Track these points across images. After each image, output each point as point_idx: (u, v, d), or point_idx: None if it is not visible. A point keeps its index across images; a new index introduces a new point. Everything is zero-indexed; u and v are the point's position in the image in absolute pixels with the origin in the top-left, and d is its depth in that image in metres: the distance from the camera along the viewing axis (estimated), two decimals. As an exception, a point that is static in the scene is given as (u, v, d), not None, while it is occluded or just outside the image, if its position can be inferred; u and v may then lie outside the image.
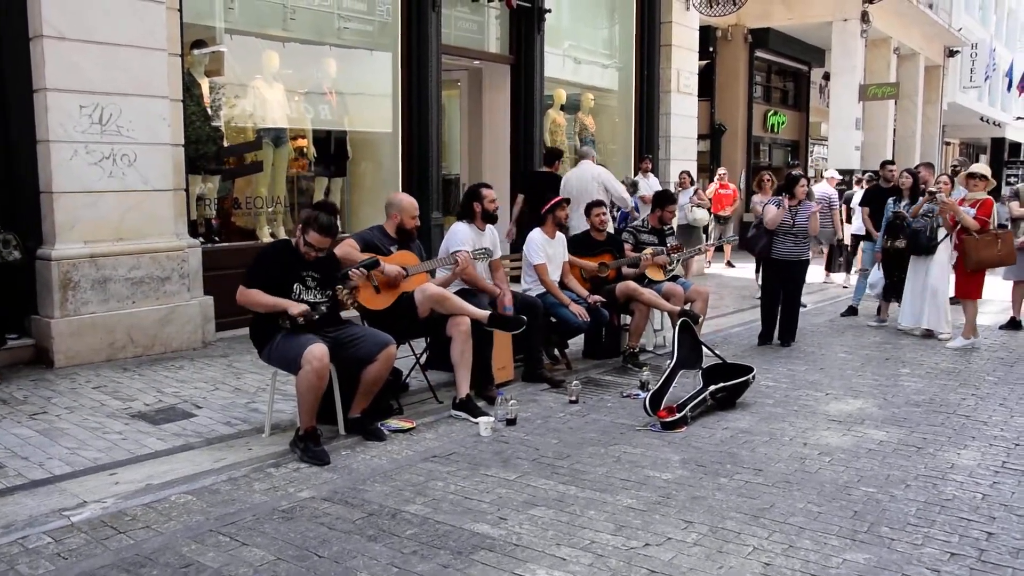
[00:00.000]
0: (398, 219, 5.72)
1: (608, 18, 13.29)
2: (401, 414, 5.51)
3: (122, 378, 6.20)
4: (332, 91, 9.33)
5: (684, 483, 4.35)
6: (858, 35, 17.59)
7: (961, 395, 6.23)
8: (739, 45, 18.37)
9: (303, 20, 8.99)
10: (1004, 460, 4.76)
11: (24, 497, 4.03)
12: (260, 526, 3.76)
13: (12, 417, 5.22)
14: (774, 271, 8.15)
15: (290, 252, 4.86)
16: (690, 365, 5.97)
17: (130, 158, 6.77)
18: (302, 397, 4.61)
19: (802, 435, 5.21)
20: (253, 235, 8.74)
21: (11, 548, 3.51)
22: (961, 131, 33.37)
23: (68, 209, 6.49)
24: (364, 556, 3.47)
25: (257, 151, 8.82)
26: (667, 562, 3.44)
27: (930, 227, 8.26)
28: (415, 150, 9.58)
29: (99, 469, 4.41)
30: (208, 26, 8.20)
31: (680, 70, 13.49)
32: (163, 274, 6.99)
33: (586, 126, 13.10)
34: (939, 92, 24.42)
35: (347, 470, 4.50)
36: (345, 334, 4.94)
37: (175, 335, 7.06)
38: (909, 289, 8.54)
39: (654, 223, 7.66)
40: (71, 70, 6.40)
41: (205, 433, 5.04)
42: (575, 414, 5.67)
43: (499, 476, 4.44)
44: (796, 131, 21.81)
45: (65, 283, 6.43)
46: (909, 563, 3.45)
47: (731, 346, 7.98)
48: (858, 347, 8.07)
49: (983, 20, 29.21)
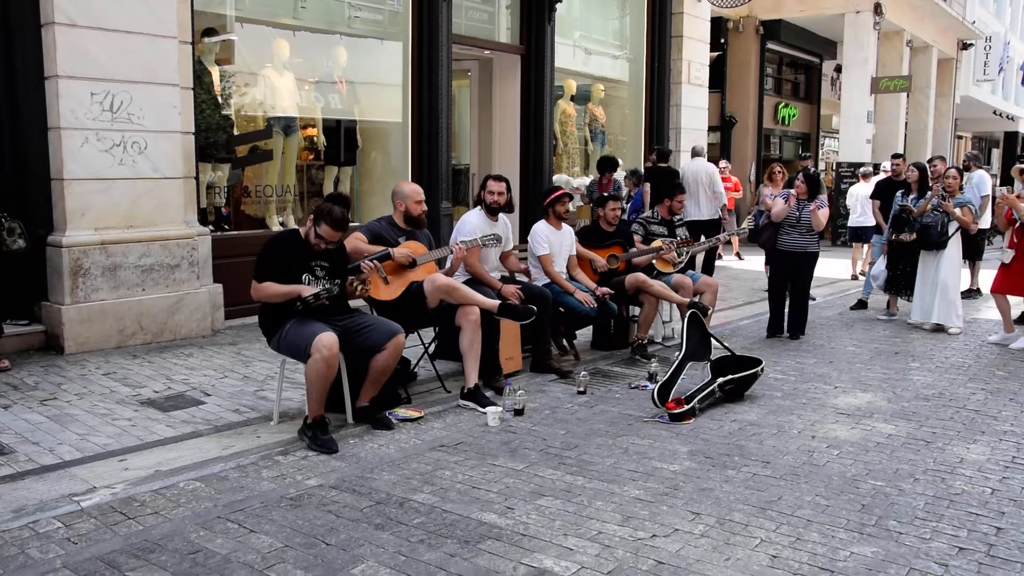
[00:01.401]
0: (403, 207, 5.72)
1: (619, 8, 13.24)
2: (409, 403, 5.52)
3: (131, 365, 6.22)
4: (342, 80, 9.33)
5: (692, 475, 4.35)
6: (871, 27, 17.47)
7: (971, 390, 6.21)
8: (750, 37, 18.27)
9: (314, 9, 8.99)
10: (1014, 455, 4.74)
11: (34, 482, 4.05)
12: (268, 513, 3.78)
13: (23, 403, 5.25)
14: (781, 263, 8.12)
15: (298, 242, 4.86)
16: (699, 357, 5.96)
17: (140, 146, 6.78)
18: (311, 385, 4.62)
19: (810, 428, 5.19)
20: (263, 223, 8.77)
21: (22, 532, 3.53)
22: (974, 125, 33.16)
23: (79, 196, 6.51)
24: (371, 544, 3.48)
25: (267, 139, 8.83)
26: (674, 553, 3.44)
27: (941, 222, 8.22)
28: (425, 140, 9.57)
29: (108, 455, 4.44)
30: (219, 14, 8.20)
31: (691, 61, 13.44)
32: (173, 262, 7.01)
33: (596, 117, 13.08)
34: (952, 85, 24.25)
35: (355, 459, 4.52)
36: (354, 323, 4.95)
37: (184, 322, 7.09)
38: (919, 284, 8.51)
39: (664, 214, 7.65)
40: (82, 57, 6.41)
41: (214, 420, 5.06)
42: (583, 405, 5.67)
43: (507, 466, 4.44)
44: (807, 124, 21.70)
45: (75, 270, 6.46)
46: (917, 557, 3.44)
47: (740, 338, 7.96)
48: (867, 340, 8.04)
49: (998, 13, 28.98)
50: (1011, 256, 7.80)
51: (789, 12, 17.91)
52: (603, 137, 13.21)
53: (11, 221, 6.33)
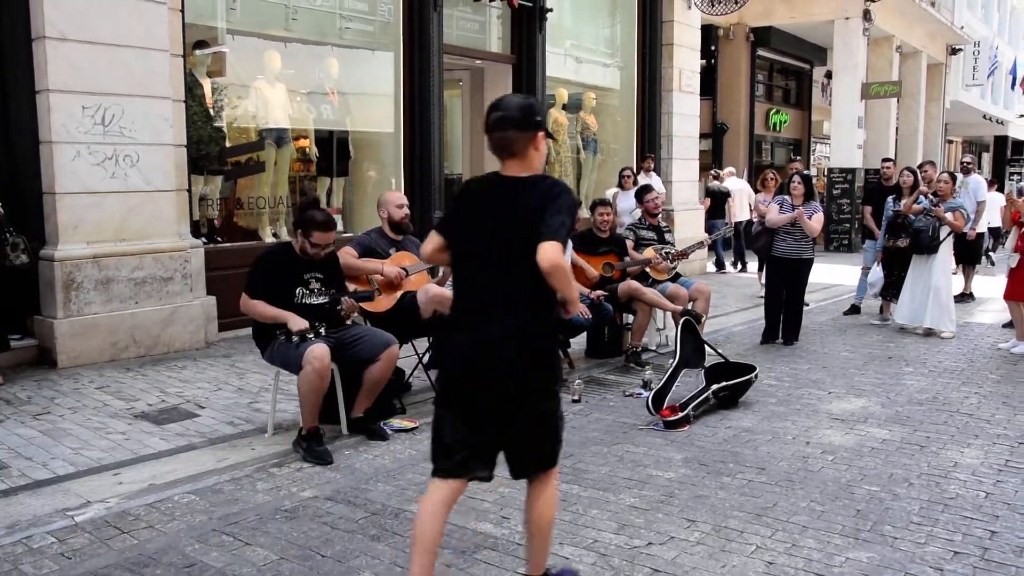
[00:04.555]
0: (386, 214, 5.72)
1: (610, 17, 13.28)
2: (404, 414, 5.51)
3: (125, 378, 6.20)
4: (334, 91, 9.34)
5: (687, 482, 4.35)
6: (860, 33, 17.56)
7: (964, 393, 6.22)
8: (741, 44, 18.36)
9: (305, 20, 9.00)
10: (1007, 459, 4.76)
11: (28, 497, 4.04)
12: (263, 526, 3.77)
13: (16, 417, 5.24)
14: (776, 269, 8.15)
15: (291, 255, 4.86)
16: (693, 364, 5.97)
17: (132, 159, 6.78)
18: (304, 397, 4.62)
19: (805, 434, 5.20)
20: (256, 235, 8.76)
21: (15, 548, 3.52)
22: (964, 129, 33.32)
23: (71, 210, 6.50)
24: (367, 555, 3.48)
25: (259, 151, 8.83)
26: (670, 561, 3.44)
27: (932, 226, 8.25)
28: (417, 150, 9.58)
29: (103, 469, 4.42)
30: (210, 26, 8.21)
31: (682, 69, 13.48)
32: (166, 274, 7.00)
33: (588, 125, 13.11)
34: (941, 90, 24.37)
35: (350, 470, 4.51)
36: (347, 335, 4.94)
37: (178, 335, 7.07)
38: (909, 287, 8.53)
39: (648, 219, 7.71)
40: (73, 71, 6.41)
41: (208, 433, 5.04)
42: (578, 413, 5.67)
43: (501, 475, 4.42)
44: (798, 130, 21.79)
45: (68, 284, 6.44)
46: (912, 562, 3.44)
47: (734, 345, 7.98)
48: (861, 346, 8.06)
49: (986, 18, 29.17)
50: (1017, 260, 7.75)
51: (779, 19, 18.00)
52: (595, 145, 13.23)
53: (15, 236, 6.31)
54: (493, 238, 2.80)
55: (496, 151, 2.85)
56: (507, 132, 2.80)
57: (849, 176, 17.68)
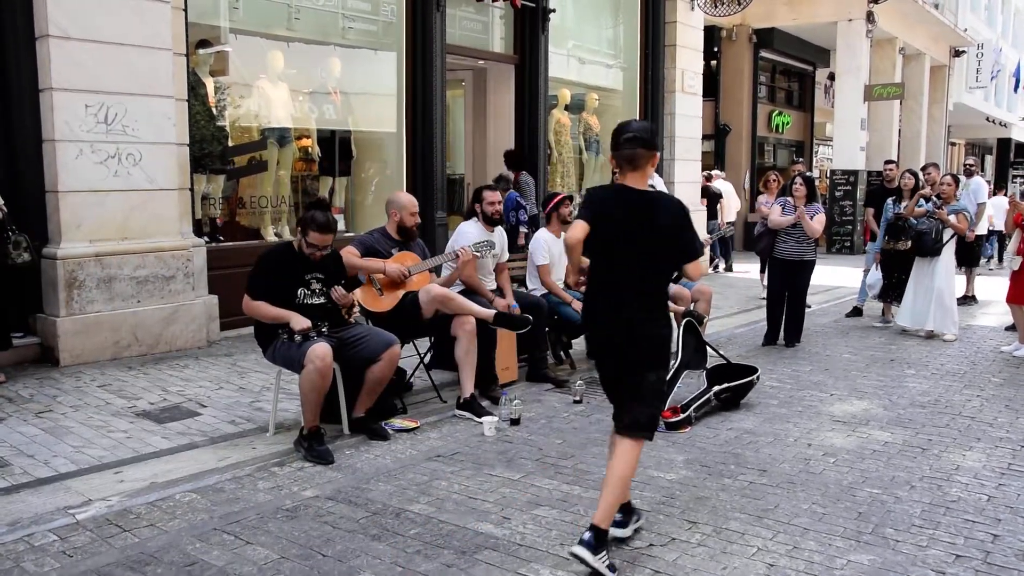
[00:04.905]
0: (398, 217, 5.72)
1: (612, 18, 13.28)
2: (405, 413, 5.51)
3: (127, 377, 6.21)
4: (336, 91, 9.34)
5: (688, 483, 4.35)
6: (863, 35, 17.56)
7: (966, 396, 6.22)
8: (744, 45, 18.33)
9: (308, 20, 9.00)
10: (1010, 462, 4.75)
11: (30, 495, 4.04)
12: (264, 525, 3.77)
13: (18, 415, 5.24)
14: (778, 271, 8.14)
15: (292, 255, 4.86)
16: (695, 365, 5.96)
17: (135, 157, 6.78)
18: (305, 396, 4.62)
19: (806, 436, 5.20)
20: (258, 234, 8.76)
21: (17, 546, 3.52)
22: (967, 131, 33.28)
23: (73, 208, 6.51)
24: (368, 555, 3.47)
25: (262, 151, 8.83)
26: (671, 562, 3.44)
27: (935, 229, 8.24)
28: (419, 150, 9.58)
29: (104, 467, 4.42)
30: (213, 26, 8.21)
31: (684, 70, 13.48)
32: (168, 273, 7.00)
33: (590, 126, 13.11)
34: (945, 92, 24.36)
35: (351, 469, 4.51)
36: (349, 334, 4.95)
37: (180, 334, 7.08)
38: (912, 290, 8.52)
39: None
40: (77, 70, 6.41)
41: (209, 432, 5.04)
42: (579, 414, 5.66)
43: (503, 476, 4.44)
44: (801, 131, 21.77)
45: (70, 282, 6.45)
46: (914, 565, 3.44)
47: (736, 346, 7.97)
48: (863, 348, 8.05)
49: (989, 20, 29.15)
50: (1020, 263, 7.71)
51: (782, 20, 17.98)
52: (598, 146, 13.23)
53: (18, 235, 6.31)
54: (636, 241, 3.45)
55: (622, 163, 3.50)
56: (636, 150, 3.47)
57: (851, 178, 17.68)
